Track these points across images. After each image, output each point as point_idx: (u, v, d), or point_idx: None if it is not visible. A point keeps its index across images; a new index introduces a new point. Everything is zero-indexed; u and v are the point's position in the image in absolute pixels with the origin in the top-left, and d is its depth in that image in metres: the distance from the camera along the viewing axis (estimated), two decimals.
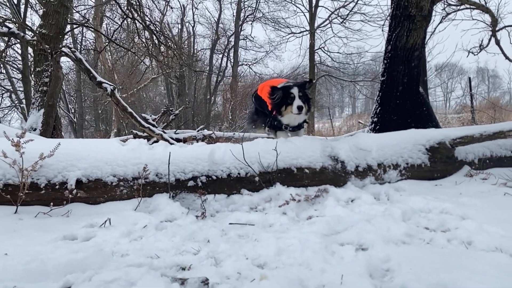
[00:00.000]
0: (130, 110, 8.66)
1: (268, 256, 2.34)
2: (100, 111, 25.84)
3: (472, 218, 2.84)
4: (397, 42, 6.54)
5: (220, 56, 30.52)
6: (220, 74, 28.65)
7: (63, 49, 8.22)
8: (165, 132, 9.64)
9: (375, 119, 6.62)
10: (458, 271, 1.91)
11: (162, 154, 3.63)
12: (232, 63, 28.52)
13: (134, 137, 10.18)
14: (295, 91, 4.31)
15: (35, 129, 8.02)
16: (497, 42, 10.34)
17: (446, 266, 2.00)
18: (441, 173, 4.34)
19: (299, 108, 4.24)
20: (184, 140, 10.40)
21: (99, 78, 8.20)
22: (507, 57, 10.68)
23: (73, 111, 25.63)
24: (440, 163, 4.34)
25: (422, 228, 2.82)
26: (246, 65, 30.07)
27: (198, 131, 11.32)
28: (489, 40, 10.56)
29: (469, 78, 15.85)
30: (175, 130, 11.92)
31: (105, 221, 2.90)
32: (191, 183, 3.56)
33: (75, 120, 25.25)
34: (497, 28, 10.15)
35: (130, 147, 3.69)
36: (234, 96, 22.19)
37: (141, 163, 3.50)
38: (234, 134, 11.19)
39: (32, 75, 8.79)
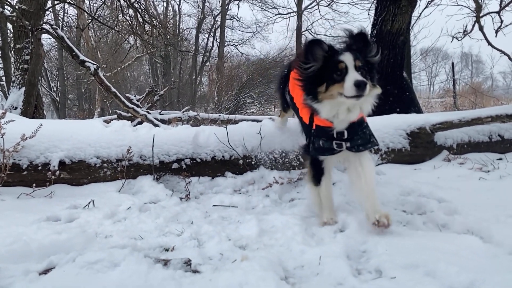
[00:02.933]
0: (114, 90, 8.53)
1: (250, 238, 2.40)
2: (83, 90, 25.34)
3: (447, 202, 2.95)
4: (382, 26, 6.58)
5: (206, 35, 30.10)
6: (206, 55, 28.29)
7: (44, 26, 8.00)
8: (149, 113, 9.56)
9: None
10: (431, 252, 2.00)
11: (146, 136, 3.63)
12: (218, 43, 28.18)
13: (118, 118, 10.08)
14: (347, 58, 2.34)
15: (15, 108, 7.87)
16: (481, 28, 10.46)
17: (419, 247, 2.08)
18: (420, 158, 4.46)
19: (359, 85, 2.22)
20: (169, 121, 10.35)
21: (82, 57, 8.03)
22: (489, 43, 10.83)
23: (55, 89, 25.06)
24: (420, 148, 4.45)
25: (400, 211, 2.92)
26: (232, 45, 29.76)
27: (183, 112, 11.27)
28: (473, 26, 10.67)
29: (452, 63, 16.07)
30: (159, 111, 11.83)
31: (89, 203, 2.91)
32: (175, 165, 3.58)
33: (57, 98, 24.73)
34: (481, 14, 10.25)
35: (113, 128, 3.67)
36: (220, 77, 21.99)
37: (124, 145, 3.50)
38: (219, 116, 11.17)
39: (12, 52, 8.56)
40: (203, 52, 28.89)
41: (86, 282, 1.73)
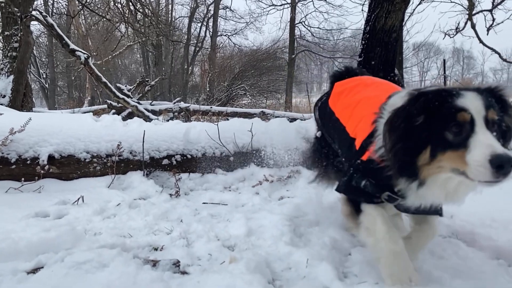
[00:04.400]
0: (104, 80, 8.46)
1: (239, 238, 2.42)
2: (73, 78, 24.95)
3: None
4: (375, 23, 6.57)
5: (199, 25, 29.78)
6: (198, 45, 28.05)
7: (33, 13, 7.86)
8: (140, 104, 9.51)
9: None
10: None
11: (136, 131, 3.62)
12: (211, 33, 27.92)
13: (109, 107, 10.00)
14: (473, 103, 1.47)
15: (4, 96, 7.74)
16: (473, 26, 10.52)
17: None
18: None
19: (502, 166, 1.33)
20: (160, 112, 10.29)
21: (72, 46, 7.93)
22: (481, 41, 10.91)
23: (44, 76, 24.68)
24: None
25: None
26: (225, 35, 29.51)
27: (174, 103, 11.20)
28: (465, 23, 10.73)
29: (444, 60, 16.18)
30: (150, 101, 11.75)
31: (78, 199, 2.91)
32: (165, 161, 3.58)
33: (46, 86, 24.38)
34: (473, 12, 10.30)
35: (103, 123, 3.65)
36: (213, 67, 21.84)
37: (115, 140, 3.49)
38: (211, 108, 11.13)
39: (0, 39, 8.40)
40: (195, 41, 28.63)
41: (74, 283, 1.74)
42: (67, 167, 3.34)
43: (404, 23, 9.04)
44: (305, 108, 17.13)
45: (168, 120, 9.65)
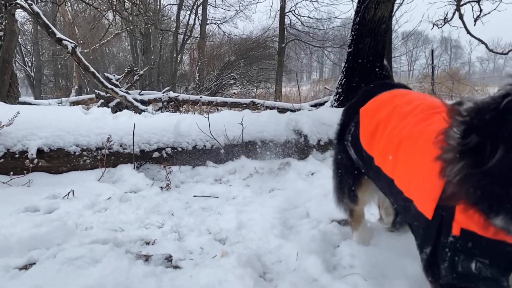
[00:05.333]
0: (92, 70, 8.33)
1: (230, 231, 2.46)
2: (59, 66, 24.46)
3: None
4: (365, 14, 6.58)
5: (188, 12, 29.38)
6: (187, 34, 27.71)
7: (18, 0, 7.67)
8: (129, 93, 9.40)
9: (340, 90, 6.75)
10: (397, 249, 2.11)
11: (126, 124, 3.60)
12: (200, 21, 27.58)
13: (97, 97, 9.87)
14: None
15: None
16: (461, 17, 10.58)
17: (387, 245, 2.19)
18: None
19: None
20: (149, 102, 10.20)
21: (58, 35, 7.78)
22: (468, 32, 10.98)
23: (29, 64, 24.17)
24: None
25: (374, 204, 3.02)
26: (215, 24, 29.18)
27: (163, 93, 11.10)
28: (453, 14, 10.78)
29: (432, 51, 16.29)
30: (139, 91, 11.62)
31: (69, 192, 2.90)
32: (156, 154, 3.58)
33: (32, 74, 23.89)
34: (461, 3, 10.35)
35: (93, 116, 3.62)
36: (202, 56, 21.64)
37: (105, 133, 3.47)
38: (201, 97, 11.05)
39: None
40: (184, 29, 28.28)
41: (67, 279, 1.75)
42: (56, 160, 3.32)
43: (393, 13, 9.07)
44: (294, 98, 17.12)
45: (157, 111, 9.58)
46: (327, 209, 2.74)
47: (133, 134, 3.49)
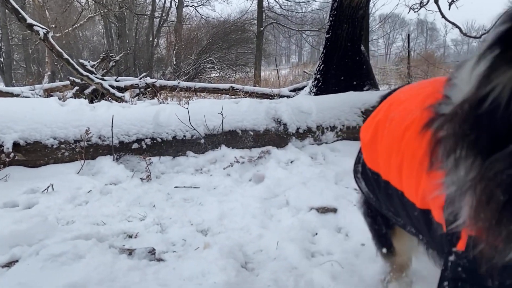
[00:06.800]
0: (66, 56, 8.13)
1: (212, 221, 2.51)
2: (30, 51, 23.61)
3: None
4: (343, 0, 6.61)
5: None
6: (163, 17, 27.09)
7: None
8: (104, 80, 9.21)
9: (318, 76, 6.81)
10: None
11: (104, 116, 3.57)
12: (176, 4, 26.99)
13: (71, 84, 9.63)
14: None
15: None
16: (436, 1, 10.73)
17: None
18: None
19: None
20: (126, 89, 10.03)
21: (29, 20, 7.52)
22: (443, 16, 11.14)
23: None
24: None
25: (351, 189, 3.12)
26: (191, 6, 28.61)
27: (140, 78, 10.91)
28: None
29: (408, 35, 16.50)
30: (115, 77, 11.38)
31: (48, 186, 2.88)
32: (135, 145, 3.57)
33: (1, 60, 22.98)
34: None
35: (70, 108, 3.57)
36: (179, 40, 21.27)
37: (82, 125, 3.43)
38: (179, 83, 10.93)
39: None
40: (160, 12, 27.63)
41: (52, 275, 1.77)
42: (33, 154, 3.28)
43: None
44: (274, 82, 17.11)
45: (134, 97, 9.44)
46: (305, 197, 2.83)
47: (112, 126, 3.46)
